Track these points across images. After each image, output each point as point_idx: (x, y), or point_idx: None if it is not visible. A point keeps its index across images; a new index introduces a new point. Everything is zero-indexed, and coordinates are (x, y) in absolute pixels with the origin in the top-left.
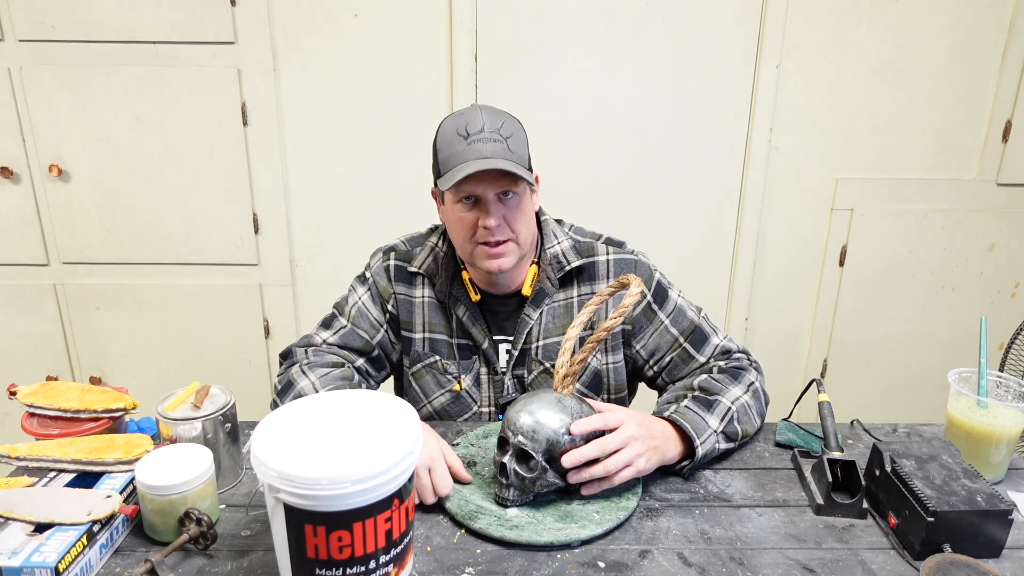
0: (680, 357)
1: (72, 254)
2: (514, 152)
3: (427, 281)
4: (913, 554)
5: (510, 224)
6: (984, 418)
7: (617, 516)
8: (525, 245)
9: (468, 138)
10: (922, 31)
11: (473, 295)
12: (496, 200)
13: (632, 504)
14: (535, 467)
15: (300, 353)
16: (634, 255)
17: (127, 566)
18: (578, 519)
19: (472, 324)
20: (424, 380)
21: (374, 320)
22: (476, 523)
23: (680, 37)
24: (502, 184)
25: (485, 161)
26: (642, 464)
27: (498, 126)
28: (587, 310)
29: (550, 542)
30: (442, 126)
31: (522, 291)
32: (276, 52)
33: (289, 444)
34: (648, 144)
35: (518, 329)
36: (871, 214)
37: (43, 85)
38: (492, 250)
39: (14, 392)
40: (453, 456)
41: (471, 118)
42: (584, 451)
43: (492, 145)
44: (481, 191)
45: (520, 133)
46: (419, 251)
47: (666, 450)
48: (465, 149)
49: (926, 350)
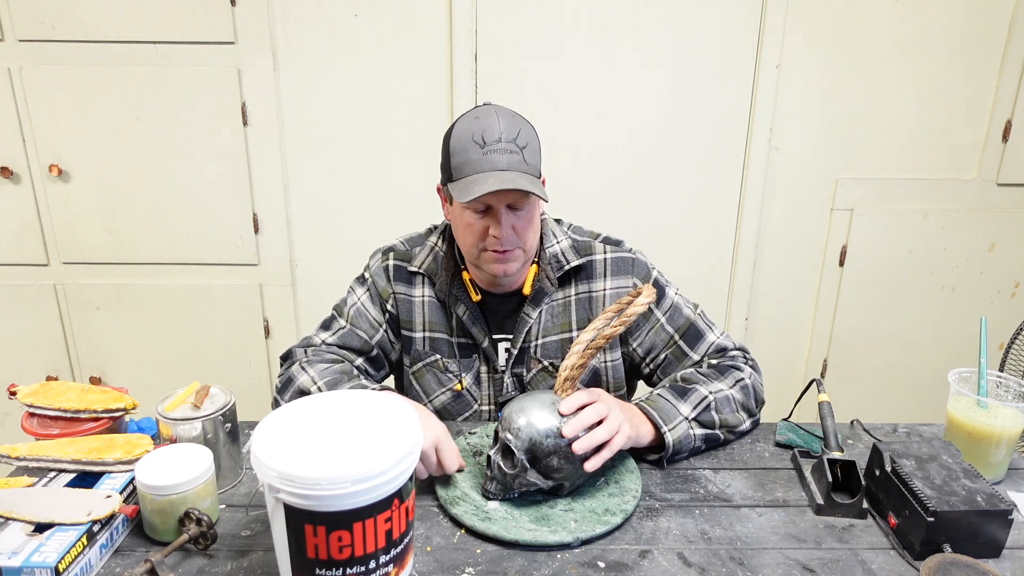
0: (674, 355)
1: (72, 254)
2: (529, 164)
3: (427, 281)
4: (913, 554)
5: (519, 233)
6: (984, 418)
7: (594, 528)
8: (531, 252)
9: (485, 147)
10: (922, 31)
11: (474, 295)
12: (507, 211)
13: (616, 520)
14: (516, 464)
15: (300, 353)
16: (632, 253)
17: (127, 566)
18: (552, 524)
19: (472, 323)
20: (425, 379)
21: (373, 320)
22: (454, 508)
23: (680, 37)
24: (515, 197)
25: (502, 176)
26: (627, 430)
27: (515, 135)
28: (603, 316)
29: (515, 540)
30: (457, 128)
31: (522, 291)
32: (276, 52)
33: (289, 444)
34: (648, 144)
35: (517, 328)
36: (871, 214)
37: (43, 85)
38: (500, 255)
39: (14, 392)
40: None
41: (488, 125)
42: (581, 418)
43: (508, 157)
44: (494, 202)
45: (535, 141)
46: (418, 251)
47: (638, 427)
48: (481, 159)
49: (926, 350)
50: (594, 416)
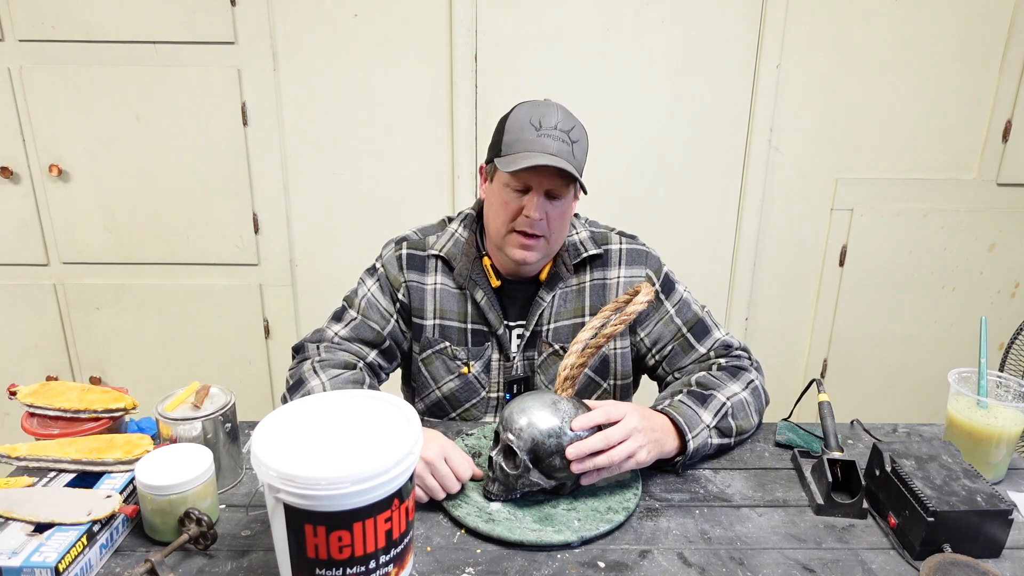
0: (681, 347)
1: (72, 254)
2: (576, 158)
3: (442, 267)
4: (913, 554)
5: (549, 223)
6: (984, 418)
7: (597, 527)
8: (555, 246)
9: (540, 130)
10: (922, 31)
11: (493, 280)
12: (543, 196)
13: (619, 518)
14: (519, 465)
15: (312, 349)
16: (645, 247)
17: (127, 566)
18: (556, 523)
19: (490, 309)
20: (434, 366)
21: (384, 311)
22: (457, 510)
23: (680, 37)
24: (557, 184)
25: (550, 158)
26: (643, 456)
27: (569, 128)
28: (601, 315)
29: (520, 541)
30: (516, 110)
31: (540, 276)
32: (276, 52)
33: (289, 444)
34: (648, 144)
35: (531, 311)
36: (871, 214)
37: (43, 85)
38: (525, 240)
39: (14, 392)
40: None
41: (547, 112)
42: (588, 443)
43: (560, 144)
44: (535, 184)
45: (585, 142)
46: (435, 238)
47: (665, 443)
48: (534, 139)
49: (926, 350)
50: (600, 444)
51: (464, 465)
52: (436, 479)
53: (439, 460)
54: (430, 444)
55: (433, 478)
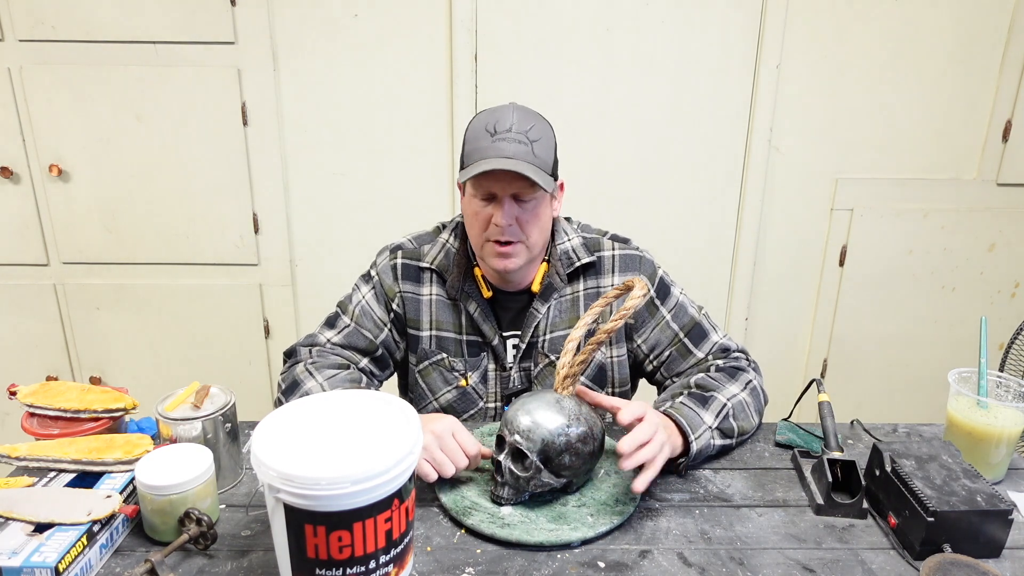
0: (679, 352)
1: (72, 254)
2: (538, 156)
3: (436, 278)
4: (913, 554)
5: (522, 227)
6: (984, 418)
7: (611, 520)
8: (535, 249)
9: (494, 136)
10: (922, 31)
11: (485, 291)
12: (511, 201)
13: (629, 509)
14: (530, 466)
15: (304, 352)
16: (638, 251)
17: (127, 566)
18: (571, 521)
19: (483, 320)
20: (431, 378)
21: (378, 319)
22: (469, 519)
23: (680, 37)
24: (518, 186)
25: (505, 161)
26: (667, 451)
27: (527, 128)
28: (592, 312)
29: (540, 542)
30: (473, 120)
31: (532, 287)
32: (276, 52)
33: (289, 444)
34: (648, 144)
35: (526, 323)
36: (871, 214)
37: (43, 85)
38: (501, 249)
39: (14, 392)
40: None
41: (501, 116)
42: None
43: (516, 146)
44: (497, 189)
45: (549, 138)
46: (429, 248)
47: (675, 443)
48: (489, 146)
49: (926, 350)
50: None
51: (471, 442)
52: (445, 453)
53: (447, 435)
54: (438, 420)
55: (442, 452)
